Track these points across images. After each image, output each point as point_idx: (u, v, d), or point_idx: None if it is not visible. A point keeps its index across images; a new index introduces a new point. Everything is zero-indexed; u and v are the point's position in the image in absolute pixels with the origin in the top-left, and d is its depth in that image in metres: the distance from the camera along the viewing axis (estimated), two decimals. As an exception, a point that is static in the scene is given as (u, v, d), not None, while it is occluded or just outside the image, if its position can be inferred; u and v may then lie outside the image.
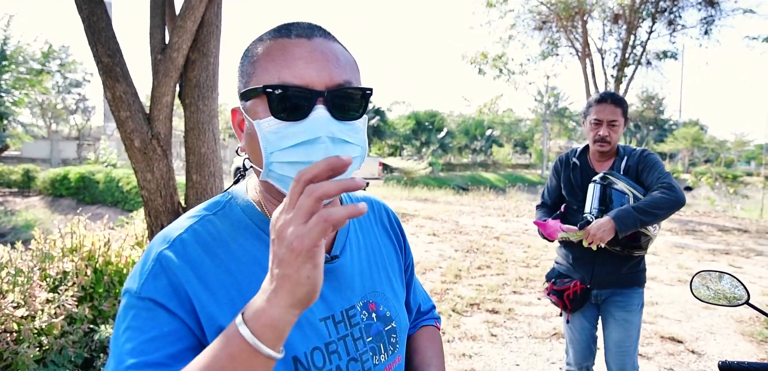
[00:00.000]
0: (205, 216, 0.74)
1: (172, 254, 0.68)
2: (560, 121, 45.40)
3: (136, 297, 0.66)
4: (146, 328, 0.64)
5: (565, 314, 2.33)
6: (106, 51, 2.51)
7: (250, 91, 0.71)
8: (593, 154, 2.27)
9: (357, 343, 0.77)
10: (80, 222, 3.24)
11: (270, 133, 0.68)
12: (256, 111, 0.70)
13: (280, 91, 0.67)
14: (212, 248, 0.71)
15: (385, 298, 0.85)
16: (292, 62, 0.68)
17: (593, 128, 2.19)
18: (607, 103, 2.17)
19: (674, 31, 13.45)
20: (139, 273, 0.68)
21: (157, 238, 0.71)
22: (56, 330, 2.58)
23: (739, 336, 4.20)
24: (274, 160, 0.69)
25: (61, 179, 15.28)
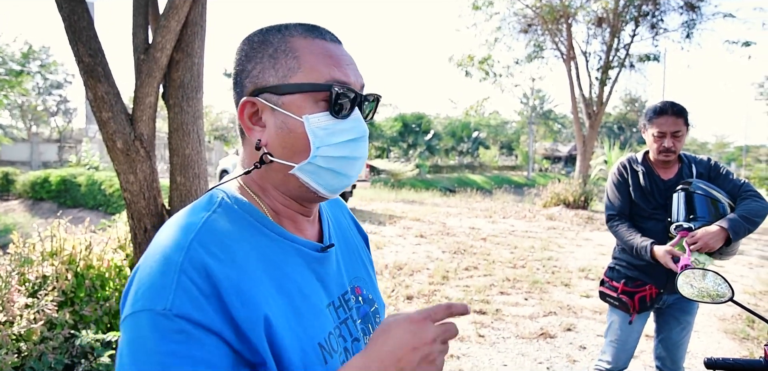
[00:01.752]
0: (208, 217, 0.70)
1: (196, 261, 0.63)
2: (546, 123, 45.87)
3: (164, 316, 0.59)
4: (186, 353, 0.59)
5: (628, 315, 2.33)
6: (88, 50, 2.46)
7: (294, 85, 0.71)
8: (657, 163, 2.29)
9: (356, 325, 0.81)
10: (61, 225, 3.17)
11: (319, 128, 0.71)
12: (300, 106, 0.71)
13: (343, 90, 0.72)
14: (228, 246, 0.67)
15: (365, 282, 0.90)
16: (338, 64, 0.73)
17: (656, 140, 2.20)
18: (668, 114, 2.17)
19: (657, 35, 13.66)
20: (161, 288, 0.61)
21: (168, 247, 0.64)
22: (35, 335, 2.52)
23: (722, 334, 4.27)
24: (320, 153, 0.72)
25: (41, 182, 14.97)
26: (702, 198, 2.13)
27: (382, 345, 0.64)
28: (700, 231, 2.03)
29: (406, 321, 0.65)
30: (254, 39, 0.75)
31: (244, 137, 0.77)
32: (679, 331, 2.35)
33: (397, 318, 0.66)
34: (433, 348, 0.64)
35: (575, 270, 6.34)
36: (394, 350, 0.63)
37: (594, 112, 13.85)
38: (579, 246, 8.14)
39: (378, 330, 0.66)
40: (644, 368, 3.49)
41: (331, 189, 0.76)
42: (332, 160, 0.72)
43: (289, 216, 0.78)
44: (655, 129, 2.20)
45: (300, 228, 0.79)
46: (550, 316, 4.56)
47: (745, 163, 38.03)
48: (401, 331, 0.64)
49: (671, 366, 2.40)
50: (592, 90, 13.96)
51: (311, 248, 0.78)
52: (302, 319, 0.70)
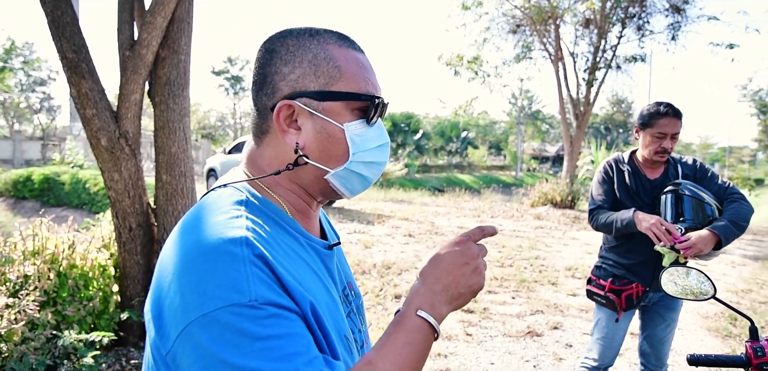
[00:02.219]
0: (244, 214, 0.70)
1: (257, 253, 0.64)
2: (534, 124, 46.23)
3: (251, 307, 0.60)
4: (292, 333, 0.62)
5: (615, 313, 2.35)
6: (71, 46, 2.42)
7: (335, 93, 0.75)
8: (645, 163, 2.32)
9: (357, 317, 0.88)
10: (43, 224, 3.11)
11: (356, 135, 0.77)
12: (339, 113, 0.76)
13: (378, 101, 0.78)
14: (269, 241, 0.69)
15: (352, 278, 0.95)
16: (370, 75, 0.79)
17: (655, 140, 2.22)
18: (670, 116, 2.20)
19: (643, 36, 13.83)
20: (236, 282, 0.61)
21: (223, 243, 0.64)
22: (16, 336, 2.47)
23: (705, 332, 4.34)
24: (355, 159, 0.77)
25: (23, 180, 14.70)
26: (690, 200, 2.16)
27: (437, 269, 0.74)
28: (693, 236, 2.07)
29: (452, 245, 0.76)
30: (289, 42, 0.76)
31: (266, 136, 0.78)
32: (663, 328, 2.38)
33: (443, 246, 0.77)
34: (479, 262, 0.76)
35: (562, 269, 6.39)
36: (449, 269, 0.74)
37: (581, 112, 13.99)
38: (566, 246, 8.22)
39: (431, 260, 0.76)
40: (629, 365, 3.53)
41: (354, 191, 0.82)
42: (364, 165, 0.79)
43: (304, 212, 0.82)
44: (655, 129, 2.21)
45: (311, 225, 0.83)
46: (537, 315, 4.59)
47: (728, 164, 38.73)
48: (451, 254, 0.75)
49: (655, 363, 2.43)
50: (580, 91, 14.10)
51: (322, 245, 0.82)
52: (330, 311, 0.74)
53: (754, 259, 7.63)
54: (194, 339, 0.60)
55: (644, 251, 2.24)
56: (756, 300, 5.38)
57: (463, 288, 0.74)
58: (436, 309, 0.72)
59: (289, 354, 0.60)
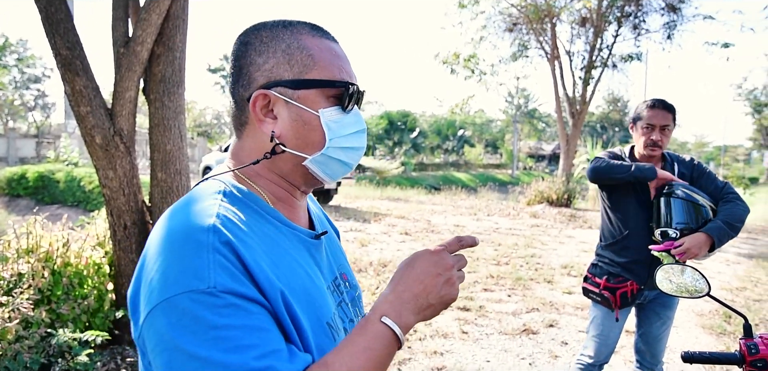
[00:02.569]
0: (219, 202, 0.71)
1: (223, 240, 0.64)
2: (530, 122, 46.31)
3: (210, 294, 0.60)
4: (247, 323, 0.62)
5: (610, 311, 2.36)
6: (65, 43, 2.41)
7: (309, 81, 0.76)
8: (642, 158, 2.33)
9: (349, 307, 0.87)
10: (37, 221, 3.09)
11: (332, 121, 0.78)
12: (314, 100, 0.77)
13: (354, 87, 0.79)
14: (243, 229, 0.69)
15: (348, 270, 0.95)
16: (344, 63, 0.81)
17: (644, 133, 2.25)
18: (658, 108, 2.23)
19: (639, 35, 13.87)
20: (198, 269, 0.61)
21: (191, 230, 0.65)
22: (10, 334, 2.46)
23: (700, 329, 4.36)
24: (332, 145, 0.78)
25: (18, 178, 14.61)
26: (684, 203, 2.16)
27: (409, 275, 0.73)
28: (688, 240, 2.08)
29: (427, 252, 0.75)
30: (263, 34, 0.78)
31: (246, 128, 0.79)
32: (659, 326, 2.39)
33: (418, 253, 0.76)
34: (452, 273, 0.74)
35: (558, 267, 6.41)
36: (420, 277, 0.73)
37: (577, 111, 14.02)
38: (562, 244, 8.24)
39: (403, 264, 0.75)
40: (624, 363, 3.55)
41: (334, 177, 0.82)
42: (342, 150, 0.79)
43: (287, 201, 0.82)
44: (644, 121, 2.25)
45: (295, 215, 0.83)
46: (532, 312, 4.60)
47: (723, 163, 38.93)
48: (424, 262, 0.74)
49: (650, 360, 2.44)
50: (576, 89, 14.13)
51: (307, 235, 0.82)
52: (311, 300, 0.74)
53: (748, 257, 7.67)
54: (156, 323, 0.62)
55: (639, 249, 2.26)
56: (750, 298, 5.41)
57: (434, 298, 0.73)
58: (403, 318, 0.71)
59: (242, 346, 0.60)
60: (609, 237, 2.42)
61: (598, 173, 2.34)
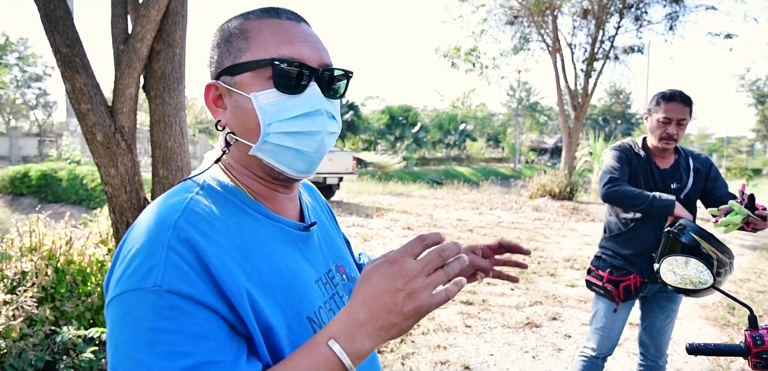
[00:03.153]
0: (192, 197, 0.70)
1: (183, 238, 0.63)
2: (532, 115, 46.19)
3: (154, 293, 0.59)
4: (185, 331, 0.59)
5: (613, 304, 2.34)
6: (65, 41, 2.40)
7: (243, 65, 0.73)
8: (655, 150, 2.31)
9: (343, 300, 0.82)
10: (40, 220, 3.10)
11: (269, 105, 0.72)
12: (250, 84, 0.72)
13: (286, 64, 0.71)
14: (213, 224, 0.68)
15: (347, 261, 0.92)
16: (290, 40, 0.73)
17: (661, 126, 2.21)
18: (677, 101, 2.18)
19: (640, 27, 13.81)
20: (150, 267, 0.61)
21: (154, 226, 0.64)
22: (15, 332, 2.46)
23: (703, 321, 4.35)
24: (272, 131, 0.72)
25: (21, 177, 14.65)
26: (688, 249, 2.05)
27: (365, 294, 0.62)
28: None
29: (384, 263, 0.63)
30: (219, 29, 0.78)
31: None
32: (663, 319, 2.38)
33: (376, 263, 0.64)
34: (416, 284, 0.61)
35: (561, 261, 6.40)
36: (377, 295, 0.61)
37: (579, 103, 13.97)
38: (564, 237, 8.23)
39: (360, 280, 0.65)
40: (628, 356, 3.55)
41: (297, 168, 0.75)
42: (286, 136, 0.72)
43: (268, 195, 0.79)
44: (661, 114, 2.21)
45: (281, 207, 0.80)
46: (535, 306, 4.60)
47: (726, 154, 38.81)
48: (381, 275, 0.62)
49: (654, 353, 2.44)
50: (578, 82, 14.08)
51: (294, 227, 0.80)
52: (289, 294, 0.72)
53: (752, 249, 7.65)
54: (109, 315, 0.63)
55: (643, 242, 2.25)
56: (754, 289, 5.40)
57: (396, 317, 0.61)
58: (355, 343, 0.61)
59: (176, 352, 0.58)
60: (613, 229, 2.40)
61: (612, 199, 2.26)
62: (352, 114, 29.91)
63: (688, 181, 2.30)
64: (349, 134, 30.33)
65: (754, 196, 2.00)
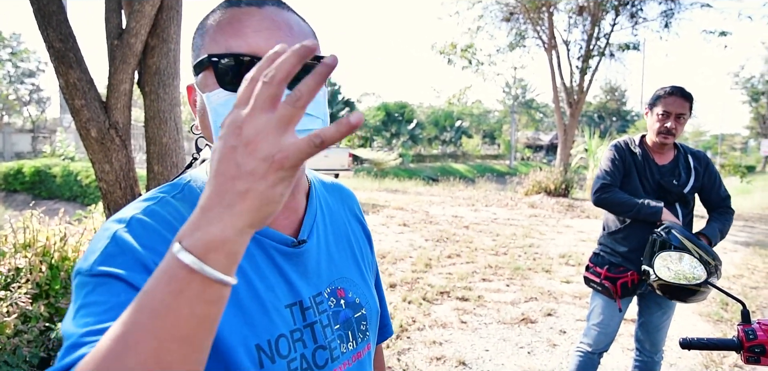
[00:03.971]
0: (162, 198, 0.68)
1: (129, 234, 0.62)
2: (528, 112, 46.28)
3: (87, 275, 0.60)
4: (101, 300, 0.58)
5: (611, 300, 2.36)
6: (58, 36, 2.38)
7: (198, 64, 0.69)
8: (654, 145, 2.32)
9: (325, 331, 0.74)
10: (33, 216, 3.08)
11: (219, 105, 0.66)
12: (206, 84, 0.68)
13: (226, 60, 0.65)
14: (173, 228, 0.64)
15: (354, 284, 0.82)
16: (240, 31, 0.66)
17: (660, 120, 2.23)
18: (676, 96, 2.20)
19: (636, 24, 13.84)
20: (91, 252, 0.62)
21: (111, 219, 0.65)
22: (9, 329, 2.45)
23: (697, 316, 4.38)
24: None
25: (14, 173, 14.56)
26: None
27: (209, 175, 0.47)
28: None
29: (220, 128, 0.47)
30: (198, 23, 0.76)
31: None
32: (660, 315, 2.40)
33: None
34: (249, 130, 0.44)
35: (556, 257, 6.43)
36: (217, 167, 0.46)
37: (575, 100, 14.01)
38: (560, 234, 8.26)
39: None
40: (622, 351, 3.57)
41: None
42: None
43: None
44: (660, 108, 2.22)
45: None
46: (531, 302, 4.62)
47: (720, 151, 39.03)
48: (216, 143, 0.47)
49: (650, 349, 2.45)
50: (573, 79, 14.11)
51: (278, 241, 0.72)
52: (242, 316, 0.66)
53: (745, 245, 7.71)
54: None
55: (640, 240, 2.25)
56: (747, 285, 5.44)
57: (244, 182, 0.44)
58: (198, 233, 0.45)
59: (90, 321, 0.57)
60: (611, 226, 2.42)
61: (602, 206, 2.35)
62: (348, 110, 29.86)
63: (690, 179, 2.32)
64: (345, 131, 30.23)
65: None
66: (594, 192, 2.36)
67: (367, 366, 0.82)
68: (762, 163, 37.30)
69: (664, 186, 2.29)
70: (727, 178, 21.04)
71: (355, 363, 0.78)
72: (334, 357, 0.74)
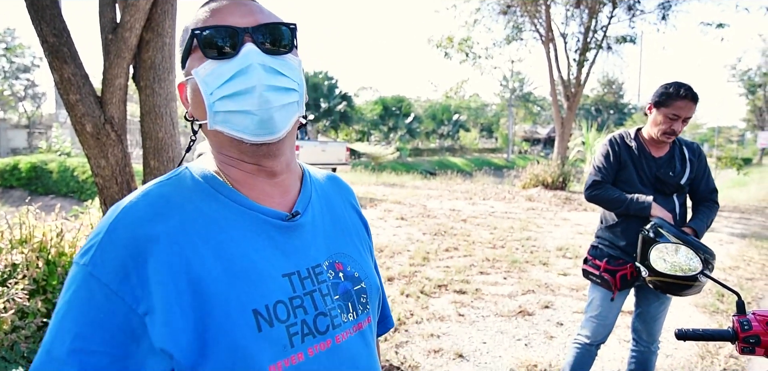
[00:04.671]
0: (157, 184, 0.76)
1: (124, 223, 0.69)
2: (525, 106, 46.25)
3: (82, 267, 0.67)
4: (86, 309, 0.65)
5: (609, 292, 2.37)
6: (52, 30, 2.36)
7: (184, 51, 0.77)
8: (651, 141, 2.32)
9: (325, 299, 0.77)
10: (29, 212, 3.07)
11: (207, 75, 0.74)
12: (193, 66, 0.76)
13: (208, 31, 0.74)
14: (165, 210, 0.71)
15: (353, 259, 0.86)
16: (216, 13, 0.76)
17: (667, 121, 2.20)
18: (688, 100, 2.16)
19: (633, 16, 13.84)
20: (89, 245, 0.68)
21: (111, 209, 0.71)
22: (6, 325, 2.45)
23: (693, 308, 4.40)
24: (214, 99, 0.73)
25: (10, 169, 14.50)
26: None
27: None
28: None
29: None
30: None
31: None
32: (657, 306, 2.41)
33: None
34: None
35: (553, 250, 6.45)
36: None
37: (572, 93, 14.01)
38: (557, 226, 8.28)
39: None
40: (619, 342, 3.59)
41: (250, 131, 0.74)
42: (228, 100, 0.73)
43: (245, 182, 0.79)
44: (670, 110, 2.18)
45: (261, 194, 0.79)
46: (528, 294, 4.64)
47: (717, 144, 39.12)
48: None
49: (647, 339, 2.47)
50: (570, 72, 14.11)
51: (272, 216, 0.78)
52: (237, 283, 0.70)
53: (741, 237, 7.74)
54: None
55: (638, 232, 2.26)
56: (743, 276, 5.47)
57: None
58: None
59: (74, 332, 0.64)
60: (609, 220, 2.42)
61: (595, 200, 2.38)
62: (346, 105, 29.81)
63: (686, 170, 2.33)
64: (342, 125, 30.23)
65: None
66: (586, 189, 2.41)
67: (369, 338, 0.84)
68: (758, 156, 37.43)
69: (660, 178, 2.30)
70: (724, 170, 21.10)
71: (356, 333, 0.80)
72: (336, 325, 0.77)
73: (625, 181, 2.35)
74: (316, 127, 27.63)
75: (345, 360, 0.77)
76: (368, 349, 0.83)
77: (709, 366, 3.32)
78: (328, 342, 0.75)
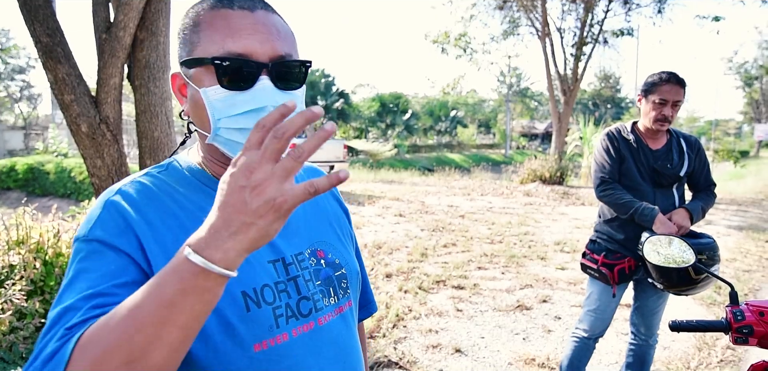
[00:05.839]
0: (149, 173, 0.79)
1: (120, 199, 0.73)
2: (522, 101, 46.27)
3: (83, 241, 0.69)
4: (93, 267, 0.67)
5: (608, 286, 2.38)
6: (45, 30, 2.36)
7: (195, 60, 0.75)
8: (647, 132, 2.33)
9: (308, 284, 0.81)
10: (26, 213, 3.06)
11: (217, 100, 0.73)
12: (201, 79, 0.75)
13: (228, 62, 0.72)
14: (158, 196, 0.75)
15: (333, 247, 0.90)
16: (236, 33, 0.73)
17: (656, 107, 2.22)
18: (672, 83, 2.20)
19: (629, 10, 13.84)
20: (87, 221, 0.72)
21: (104, 192, 0.75)
22: (4, 326, 2.45)
23: (690, 300, 4.42)
24: (222, 125, 0.74)
25: (7, 171, 14.45)
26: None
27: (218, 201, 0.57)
28: (676, 216, 2.23)
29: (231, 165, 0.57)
30: (184, 13, 0.81)
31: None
32: (655, 299, 2.42)
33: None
34: (258, 176, 0.55)
35: (551, 244, 6.46)
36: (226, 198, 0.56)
37: (569, 88, 14.02)
38: (555, 221, 8.30)
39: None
40: (616, 335, 3.60)
41: None
42: (236, 132, 0.74)
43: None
44: (656, 96, 2.21)
45: None
46: (526, 289, 4.65)
47: (714, 137, 39.22)
48: (227, 177, 0.57)
49: (645, 332, 2.48)
50: (567, 66, 14.11)
51: None
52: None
53: (738, 229, 7.77)
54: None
55: (637, 227, 2.28)
56: (740, 268, 5.50)
57: (248, 216, 0.55)
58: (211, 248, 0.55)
59: (85, 286, 0.65)
60: (607, 214, 2.43)
61: (605, 200, 2.38)
62: (343, 102, 29.78)
63: (683, 163, 2.35)
64: (339, 122, 30.19)
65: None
66: (597, 188, 2.39)
67: (350, 320, 0.89)
68: (755, 148, 37.52)
69: (658, 170, 2.31)
70: (721, 163, 21.15)
71: (337, 316, 0.85)
72: (318, 309, 0.82)
73: (624, 174, 2.36)
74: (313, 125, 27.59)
75: (327, 341, 0.81)
76: (349, 331, 0.87)
77: (706, 357, 3.34)
78: (311, 324, 0.80)
